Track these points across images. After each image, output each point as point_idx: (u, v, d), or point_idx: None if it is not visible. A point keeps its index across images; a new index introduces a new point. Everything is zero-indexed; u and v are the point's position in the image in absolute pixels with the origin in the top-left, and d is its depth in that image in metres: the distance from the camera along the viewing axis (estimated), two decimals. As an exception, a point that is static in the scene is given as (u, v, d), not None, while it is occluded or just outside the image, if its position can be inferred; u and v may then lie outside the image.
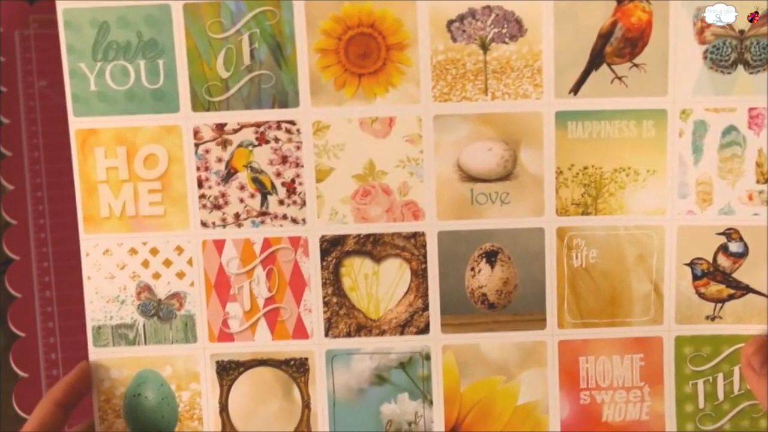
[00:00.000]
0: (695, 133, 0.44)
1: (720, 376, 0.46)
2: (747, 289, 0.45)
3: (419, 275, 0.46)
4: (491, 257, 0.46)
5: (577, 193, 0.45)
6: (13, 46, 0.65)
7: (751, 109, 0.44)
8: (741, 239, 0.45)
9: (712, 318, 0.46)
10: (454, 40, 0.44)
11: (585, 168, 0.45)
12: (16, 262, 0.62)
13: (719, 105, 0.44)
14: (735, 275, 0.45)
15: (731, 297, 0.45)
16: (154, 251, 0.46)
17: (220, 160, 0.46)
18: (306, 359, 0.47)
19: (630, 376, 0.46)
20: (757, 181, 0.44)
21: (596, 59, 0.44)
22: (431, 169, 0.45)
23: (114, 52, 0.45)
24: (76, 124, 0.46)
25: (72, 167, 0.60)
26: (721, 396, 0.46)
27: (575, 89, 0.44)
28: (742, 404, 0.46)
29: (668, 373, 0.46)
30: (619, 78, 0.44)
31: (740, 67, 0.43)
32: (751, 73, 0.43)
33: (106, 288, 0.46)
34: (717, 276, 0.45)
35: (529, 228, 0.46)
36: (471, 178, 0.45)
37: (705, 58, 0.43)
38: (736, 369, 0.46)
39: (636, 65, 0.44)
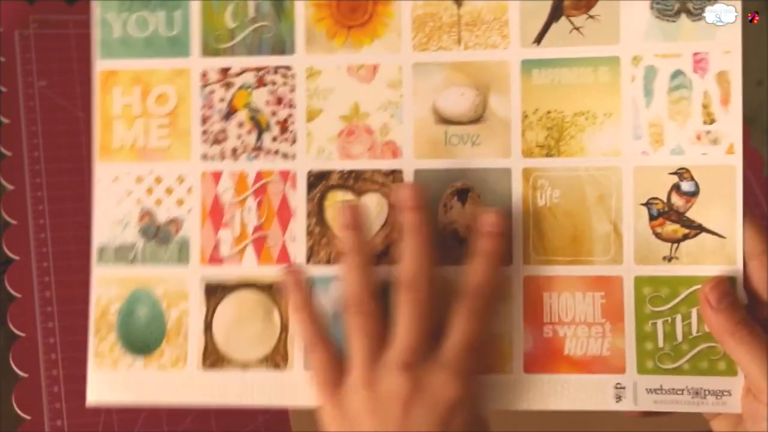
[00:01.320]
0: (646, 77, 0.48)
1: (678, 317, 0.48)
2: (700, 228, 0.48)
3: (396, 210, 0.50)
4: (462, 195, 0.50)
5: (541, 136, 0.49)
6: (13, 46, 0.68)
7: (695, 54, 0.48)
8: (692, 178, 0.48)
9: (669, 259, 0.48)
10: (432, -5, 0.50)
11: (548, 112, 0.49)
12: (16, 262, 0.64)
13: (667, 51, 0.48)
14: (688, 214, 0.48)
15: (686, 237, 0.48)
16: (158, 180, 0.51)
17: (222, 100, 0.51)
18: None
19: (592, 313, 0.48)
20: (704, 122, 0.48)
21: (556, 12, 0.49)
22: (410, 111, 0.50)
23: (138, 3, 0.52)
24: (100, 65, 0.52)
25: (72, 167, 0.64)
26: (679, 337, 0.48)
27: (538, 39, 0.49)
28: (700, 346, 0.47)
29: (628, 312, 0.48)
30: (577, 28, 0.49)
31: (683, 16, 0.48)
32: (693, 20, 0.48)
33: (113, 212, 0.51)
34: (672, 215, 0.48)
35: (497, 168, 0.49)
36: (445, 120, 0.50)
37: (651, 8, 0.48)
38: (694, 311, 0.48)
39: (591, 16, 0.49)
